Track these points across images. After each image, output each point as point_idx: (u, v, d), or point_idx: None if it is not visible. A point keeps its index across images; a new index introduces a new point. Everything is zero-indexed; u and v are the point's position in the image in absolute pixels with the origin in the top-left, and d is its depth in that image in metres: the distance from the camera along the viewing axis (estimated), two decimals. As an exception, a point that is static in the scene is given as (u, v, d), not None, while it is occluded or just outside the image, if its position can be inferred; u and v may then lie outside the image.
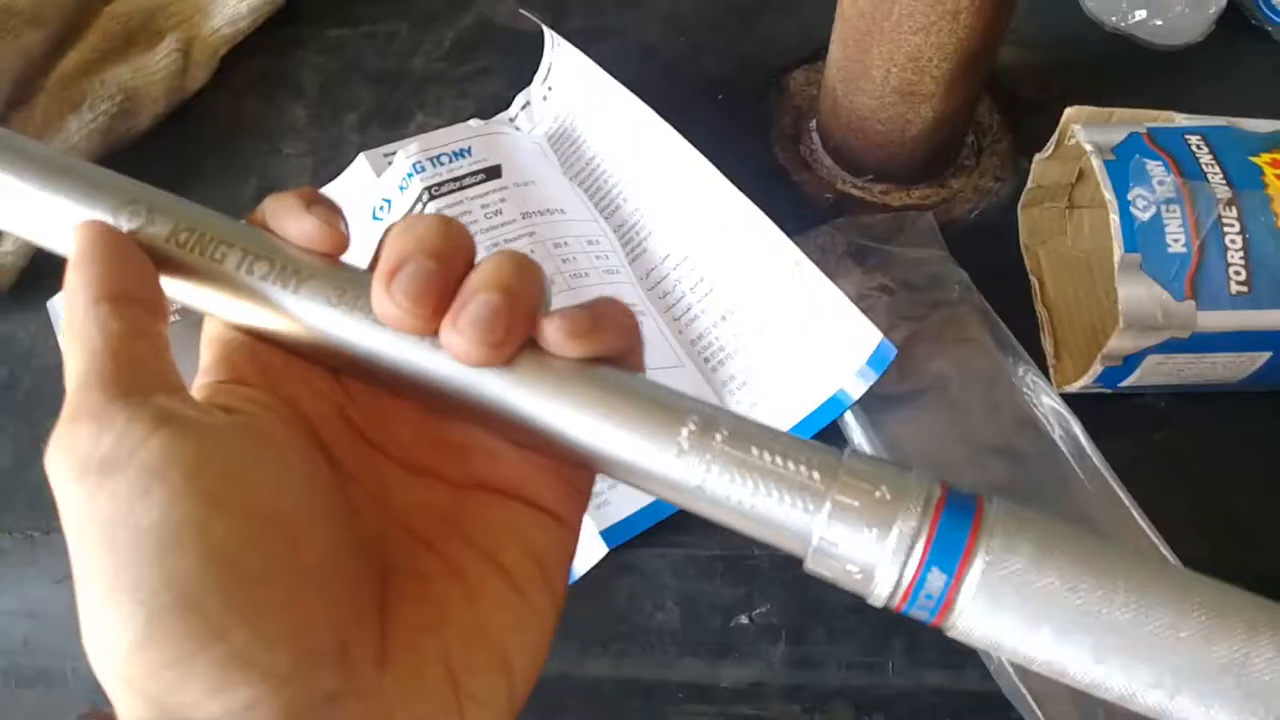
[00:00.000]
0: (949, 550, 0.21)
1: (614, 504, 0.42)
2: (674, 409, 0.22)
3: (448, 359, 0.22)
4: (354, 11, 0.60)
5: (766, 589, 0.43)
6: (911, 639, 0.42)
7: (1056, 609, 0.20)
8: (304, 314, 0.23)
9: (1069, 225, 0.51)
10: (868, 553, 0.21)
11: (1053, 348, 0.48)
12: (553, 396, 0.22)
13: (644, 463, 0.22)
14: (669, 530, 0.43)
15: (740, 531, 0.23)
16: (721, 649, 0.42)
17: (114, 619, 0.18)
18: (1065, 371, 0.47)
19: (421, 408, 0.24)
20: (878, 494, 0.21)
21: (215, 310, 0.23)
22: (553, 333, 0.22)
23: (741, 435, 0.22)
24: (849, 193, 0.53)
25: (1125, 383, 0.44)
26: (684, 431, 0.22)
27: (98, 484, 0.19)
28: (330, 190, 0.52)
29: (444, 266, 0.22)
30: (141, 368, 0.21)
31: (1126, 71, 0.58)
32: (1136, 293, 0.40)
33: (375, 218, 0.49)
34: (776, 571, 0.43)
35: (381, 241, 0.23)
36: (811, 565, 0.22)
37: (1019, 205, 0.51)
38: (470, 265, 0.23)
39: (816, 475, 0.22)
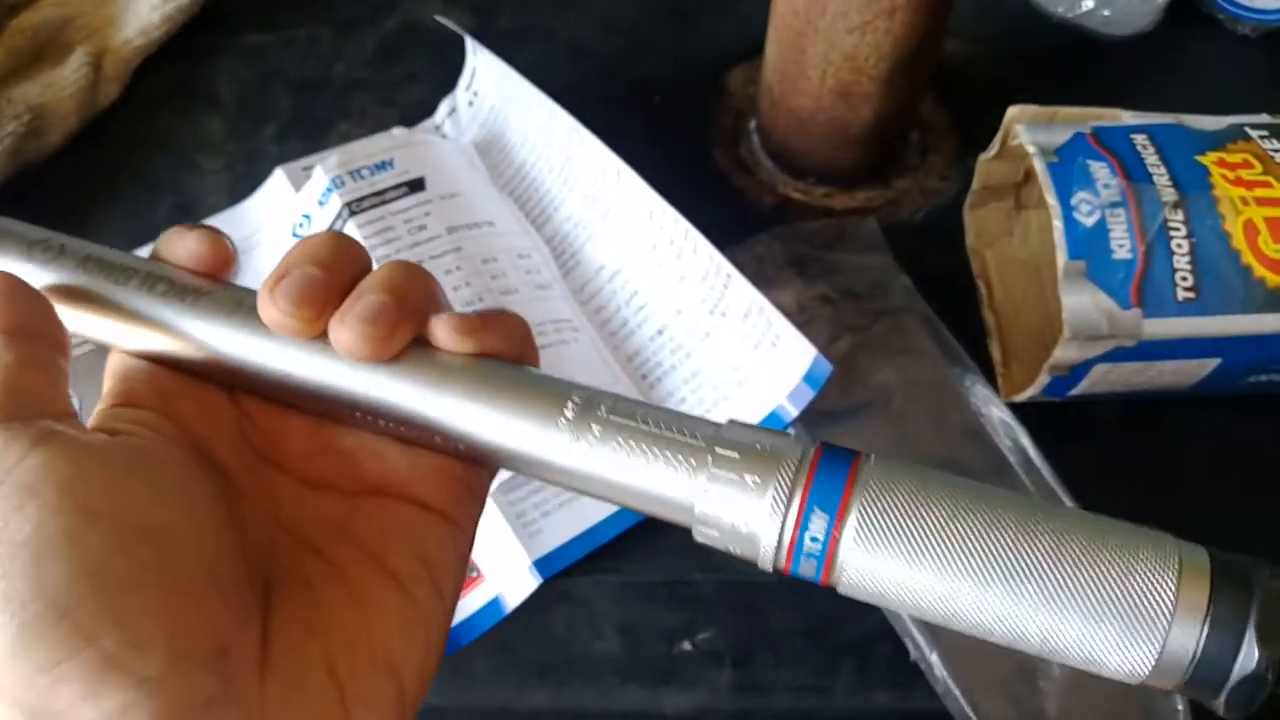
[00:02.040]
0: (826, 501, 0.21)
1: (546, 532, 0.41)
2: (556, 391, 0.23)
3: (336, 362, 0.23)
4: (273, 16, 0.58)
5: (709, 614, 0.42)
6: (859, 660, 0.41)
7: (935, 549, 0.20)
8: (200, 331, 0.24)
9: (1016, 226, 0.49)
10: (749, 512, 0.21)
11: (1000, 355, 0.46)
12: (438, 389, 0.23)
13: (530, 446, 0.23)
14: (606, 557, 0.42)
15: (630, 507, 0.23)
16: (665, 676, 0.41)
17: None
18: (1013, 380, 0.45)
19: (316, 415, 0.25)
20: (756, 455, 0.21)
21: (116, 340, 0.24)
22: (440, 329, 0.24)
23: (622, 410, 0.23)
24: (791, 196, 0.51)
25: (1073, 392, 0.43)
26: (566, 410, 0.23)
27: None
28: (248, 206, 0.50)
29: (329, 274, 0.23)
30: (28, 395, 0.21)
31: (1075, 63, 0.57)
32: (1081, 301, 0.39)
33: (295, 235, 0.47)
34: (719, 596, 0.42)
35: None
36: (699, 533, 0.22)
37: (965, 207, 0.49)
38: (362, 276, 0.24)
39: (697, 442, 0.22)
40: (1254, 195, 0.41)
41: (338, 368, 0.23)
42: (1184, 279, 0.40)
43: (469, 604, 0.40)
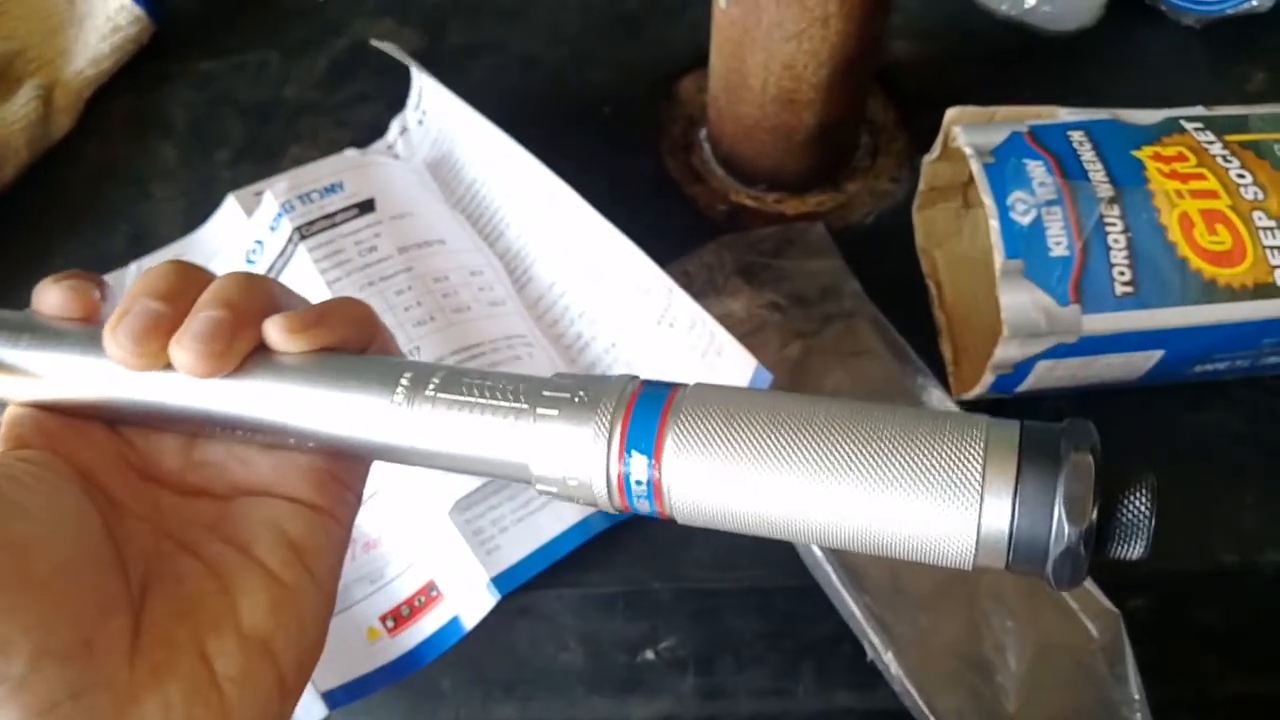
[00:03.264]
0: (643, 432, 0.21)
1: (504, 548, 0.41)
2: (386, 373, 0.24)
3: (181, 383, 0.24)
4: (222, 42, 0.58)
5: (670, 622, 0.42)
6: (819, 662, 0.41)
7: (751, 455, 0.20)
8: (61, 374, 0.25)
9: (965, 225, 0.50)
10: (577, 462, 0.22)
11: (951, 354, 0.47)
12: (277, 393, 0.24)
13: (369, 431, 0.24)
14: (565, 570, 0.42)
15: (473, 473, 0.24)
16: (629, 685, 0.42)
17: None
18: (963, 378, 0.46)
19: (185, 433, 0.27)
20: (576, 400, 0.22)
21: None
22: (273, 332, 0.25)
23: (452, 380, 0.23)
24: (743, 203, 0.51)
25: (1020, 388, 0.43)
26: (397, 392, 0.23)
27: None
28: (202, 234, 0.50)
29: (169, 304, 0.24)
30: None
31: (1020, 60, 0.57)
32: (1019, 300, 0.40)
33: (249, 261, 0.47)
34: (679, 604, 0.42)
35: None
36: (539, 486, 0.23)
37: (914, 208, 0.50)
38: None
39: (522, 399, 0.22)
40: (1188, 188, 0.42)
41: (183, 389, 0.24)
42: (1121, 274, 0.40)
43: (428, 624, 0.40)
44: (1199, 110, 0.45)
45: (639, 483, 0.21)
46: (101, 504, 0.25)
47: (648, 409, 0.21)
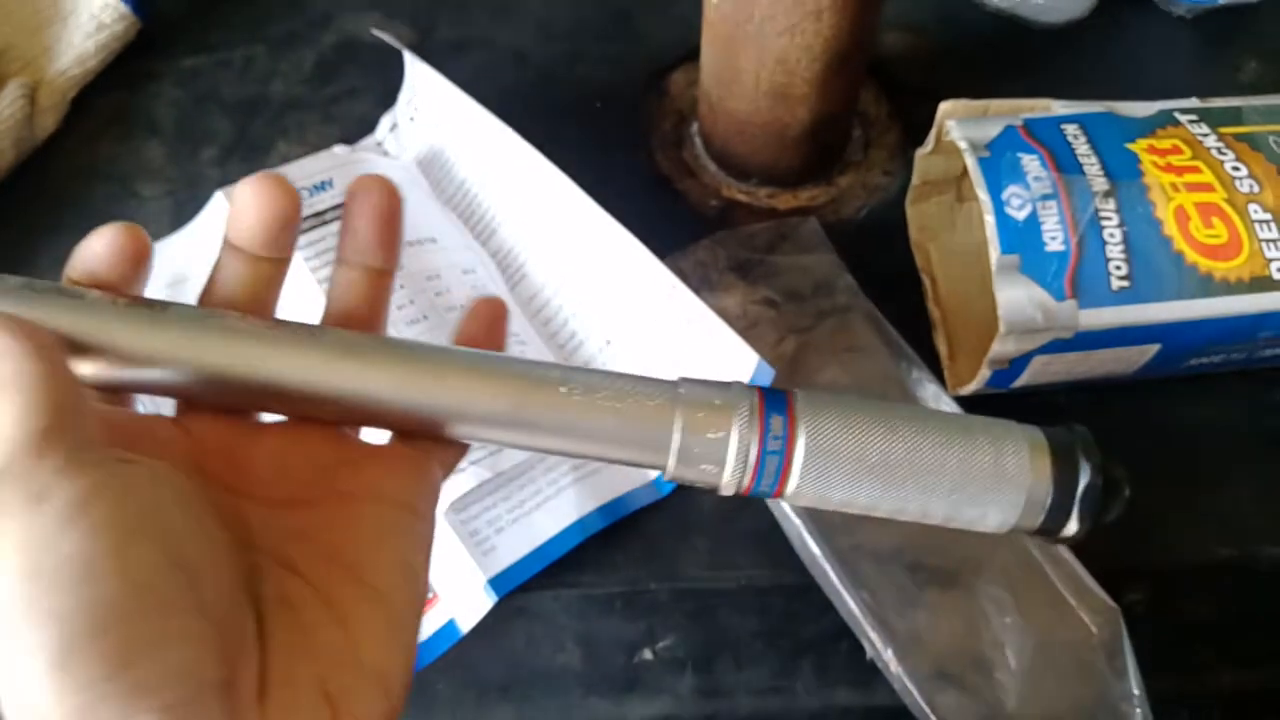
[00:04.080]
0: (778, 436, 0.26)
1: (500, 550, 0.41)
2: (549, 372, 0.27)
3: (339, 359, 0.25)
4: (208, 38, 0.57)
5: (667, 621, 0.42)
6: (819, 660, 0.41)
7: (861, 457, 0.26)
8: (189, 344, 0.25)
9: (959, 218, 0.50)
10: (716, 452, 0.26)
11: (947, 348, 0.47)
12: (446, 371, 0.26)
13: (536, 411, 0.26)
14: (561, 571, 0.42)
15: (600, 460, 0.27)
16: (627, 685, 0.41)
17: (31, 643, 0.19)
18: (959, 373, 0.46)
19: (303, 416, 0.26)
20: (715, 409, 0.26)
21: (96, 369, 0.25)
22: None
23: (596, 376, 0.27)
24: (735, 198, 0.51)
25: (1016, 383, 0.43)
26: (561, 387, 0.26)
27: (28, 515, 0.20)
28: (189, 231, 0.49)
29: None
30: (75, 416, 0.22)
31: (1012, 52, 0.57)
32: (1015, 295, 0.39)
33: (238, 261, 0.47)
34: (676, 604, 0.42)
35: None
36: (673, 474, 0.27)
37: (907, 202, 0.49)
38: None
39: (664, 401, 0.26)
40: (1183, 181, 0.41)
41: (342, 364, 0.25)
42: (1118, 268, 0.40)
43: (425, 626, 0.40)
44: (1193, 102, 0.45)
45: (769, 476, 0.26)
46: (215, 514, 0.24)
47: (776, 413, 0.26)
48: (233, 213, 0.28)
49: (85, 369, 0.24)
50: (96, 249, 0.25)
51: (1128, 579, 0.42)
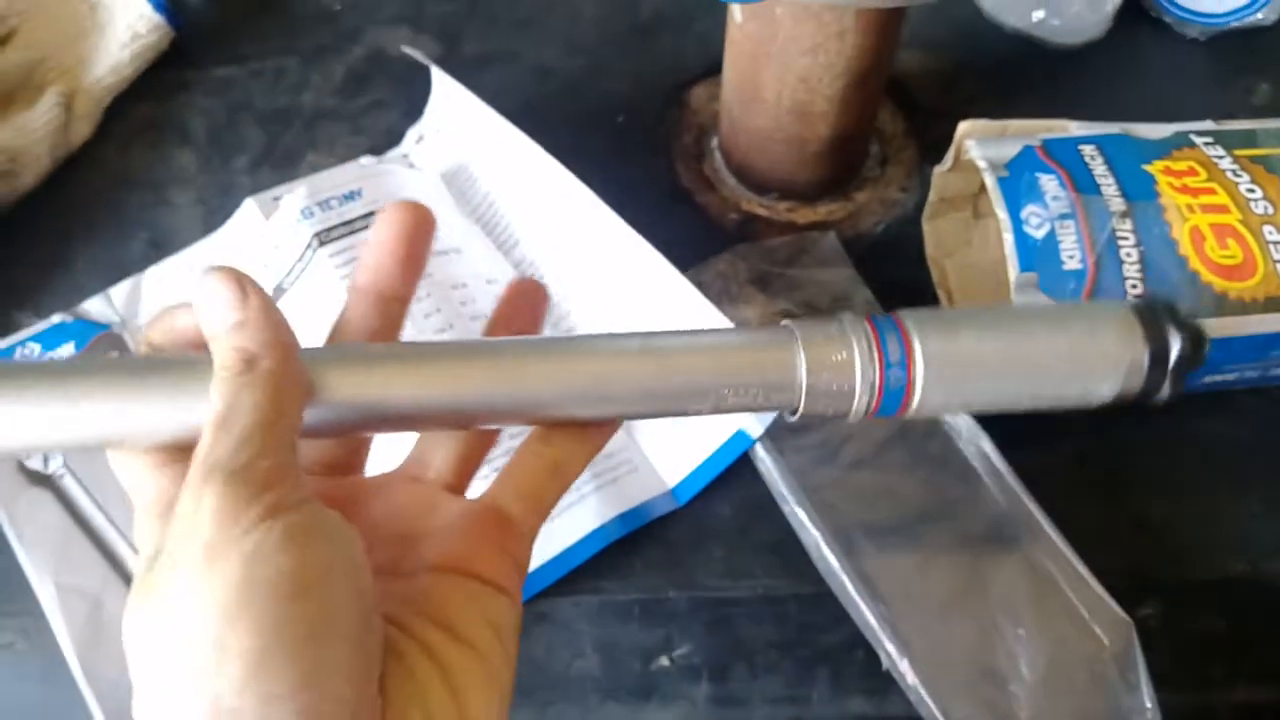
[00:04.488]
0: (898, 356, 0.28)
1: (522, 555, 0.42)
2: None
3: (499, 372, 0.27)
4: (240, 49, 0.58)
5: (685, 630, 0.43)
6: (834, 669, 0.42)
7: (976, 366, 0.28)
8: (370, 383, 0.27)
9: (975, 235, 0.50)
10: (843, 382, 0.28)
11: (962, 362, 0.47)
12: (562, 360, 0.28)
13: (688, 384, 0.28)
14: (581, 577, 0.43)
15: (742, 410, 0.28)
16: (644, 692, 0.42)
17: (235, 648, 0.21)
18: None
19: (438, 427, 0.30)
20: (834, 339, 0.28)
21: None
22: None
23: (700, 344, 0.28)
24: (754, 212, 0.52)
25: (1032, 398, 0.44)
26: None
27: (260, 530, 0.22)
28: (219, 238, 0.50)
29: None
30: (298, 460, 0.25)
31: (1028, 72, 0.58)
32: (1032, 312, 0.40)
33: (266, 265, 0.48)
34: (693, 612, 0.43)
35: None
36: (805, 408, 0.28)
37: (924, 218, 0.50)
38: None
39: (782, 340, 0.28)
40: (1199, 202, 0.42)
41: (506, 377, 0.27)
42: (1134, 286, 0.41)
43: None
44: (1208, 124, 0.46)
45: (894, 395, 0.28)
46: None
47: (890, 338, 0.28)
48: (366, 253, 0.31)
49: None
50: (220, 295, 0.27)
51: (1141, 593, 0.42)
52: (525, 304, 0.34)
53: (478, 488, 0.31)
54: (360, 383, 0.26)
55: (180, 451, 0.27)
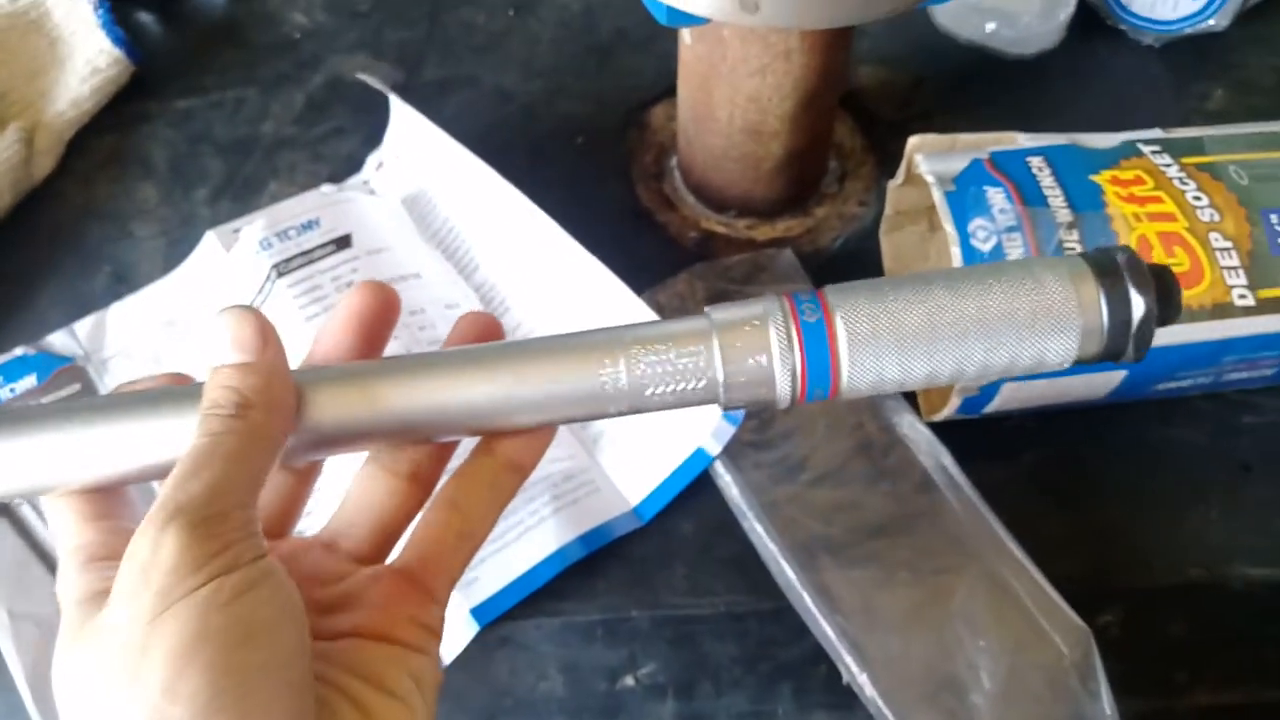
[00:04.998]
0: (817, 335, 0.26)
1: (483, 580, 0.42)
2: (592, 348, 0.27)
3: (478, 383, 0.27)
4: (201, 80, 0.59)
5: (649, 648, 0.43)
6: (798, 684, 0.42)
7: (903, 331, 0.26)
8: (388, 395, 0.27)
9: (932, 247, 0.51)
10: (763, 369, 0.26)
11: (921, 375, 0.47)
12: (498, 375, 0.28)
13: (586, 392, 0.27)
14: (543, 599, 0.43)
15: (662, 409, 0.28)
16: (609, 712, 0.42)
17: (186, 689, 0.22)
18: (932, 400, 0.47)
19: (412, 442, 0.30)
20: (749, 331, 0.26)
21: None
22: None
23: (625, 336, 0.27)
24: (714, 230, 0.52)
25: (988, 409, 0.44)
26: (605, 361, 0.27)
27: (219, 579, 0.23)
28: (182, 271, 0.51)
29: None
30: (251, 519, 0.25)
31: (983, 84, 0.58)
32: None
33: (228, 299, 0.48)
34: (656, 630, 0.43)
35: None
36: (726, 403, 0.27)
37: (880, 232, 0.51)
38: None
39: (703, 341, 0.27)
40: (1146, 211, 0.43)
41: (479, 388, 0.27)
42: (1082, 297, 0.41)
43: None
44: (1156, 133, 0.47)
45: (819, 377, 0.26)
46: None
47: (810, 312, 0.26)
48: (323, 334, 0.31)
49: None
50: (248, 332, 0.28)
51: (1101, 601, 0.42)
52: (475, 336, 0.34)
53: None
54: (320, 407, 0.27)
55: (111, 504, 0.27)
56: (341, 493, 0.31)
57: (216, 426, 0.25)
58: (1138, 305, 0.26)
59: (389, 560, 0.30)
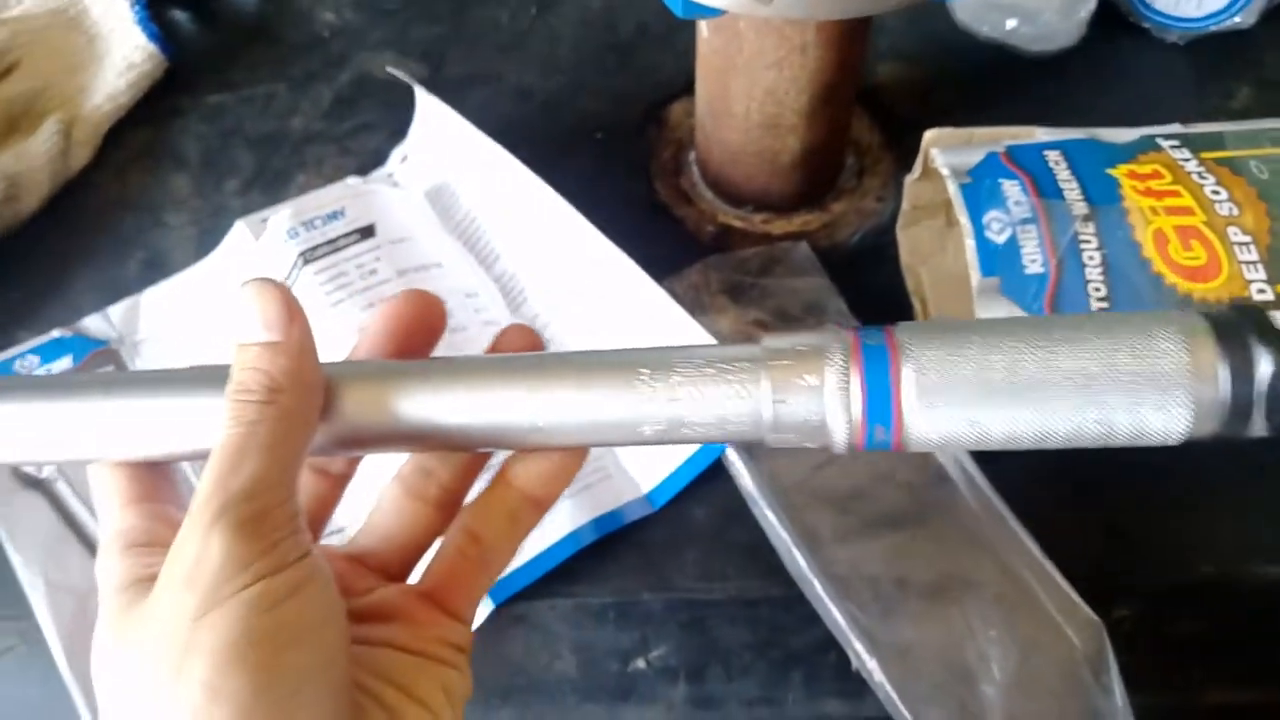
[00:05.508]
0: (880, 377, 0.23)
1: (498, 562, 0.42)
2: (625, 363, 0.26)
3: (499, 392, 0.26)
4: (232, 76, 0.60)
5: (661, 631, 0.43)
6: (809, 671, 0.42)
7: (980, 383, 0.23)
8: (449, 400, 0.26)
9: (949, 241, 0.51)
10: (815, 410, 0.24)
11: (935, 367, 0.48)
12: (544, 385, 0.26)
13: (621, 411, 0.25)
14: (557, 581, 0.43)
15: (703, 441, 0.25)
16: (621, 694, 0.43)
17: (228, 688, 0.22)
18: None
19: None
20: (804, 356, 0.24)
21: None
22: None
23: (668, 358, 0.25)
24: (731, 224, 0.53)
25: (1000, 401, 0.44)
26: (641, 374, 0.25)
27: (264, 583, 0.23)
28: (211, 260, 0.52)
29: None
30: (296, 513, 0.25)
31: (1003, 81, 0.58)
32: (996, 316, 0.41)
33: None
34: (669, 614, 0.43)
35: None
36: (773, 440, 0.24)
37: (898, 226, 0.51)
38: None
39: (751, 366, 0.24)
40: (1163, 205, 0.43)
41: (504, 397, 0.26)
42: (1097, 289, 0.41)
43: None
44: (1175, 128, 0.46)
45: (881, 424, 0.23)
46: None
47: (875, 353, 0.23)
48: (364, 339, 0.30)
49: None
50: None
51: (1115, 596, 0.42)
52: (516, 350, 0.32)
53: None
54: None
55: (153, 487, 0.27)
56: (365, 506, 0.32)
57: (249, 414, 0.24)
58: (1265, 367, 0.22)
59: (413, 578, 0.31)
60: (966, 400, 0.23)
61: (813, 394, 0.23)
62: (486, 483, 0.31)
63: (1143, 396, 0.23)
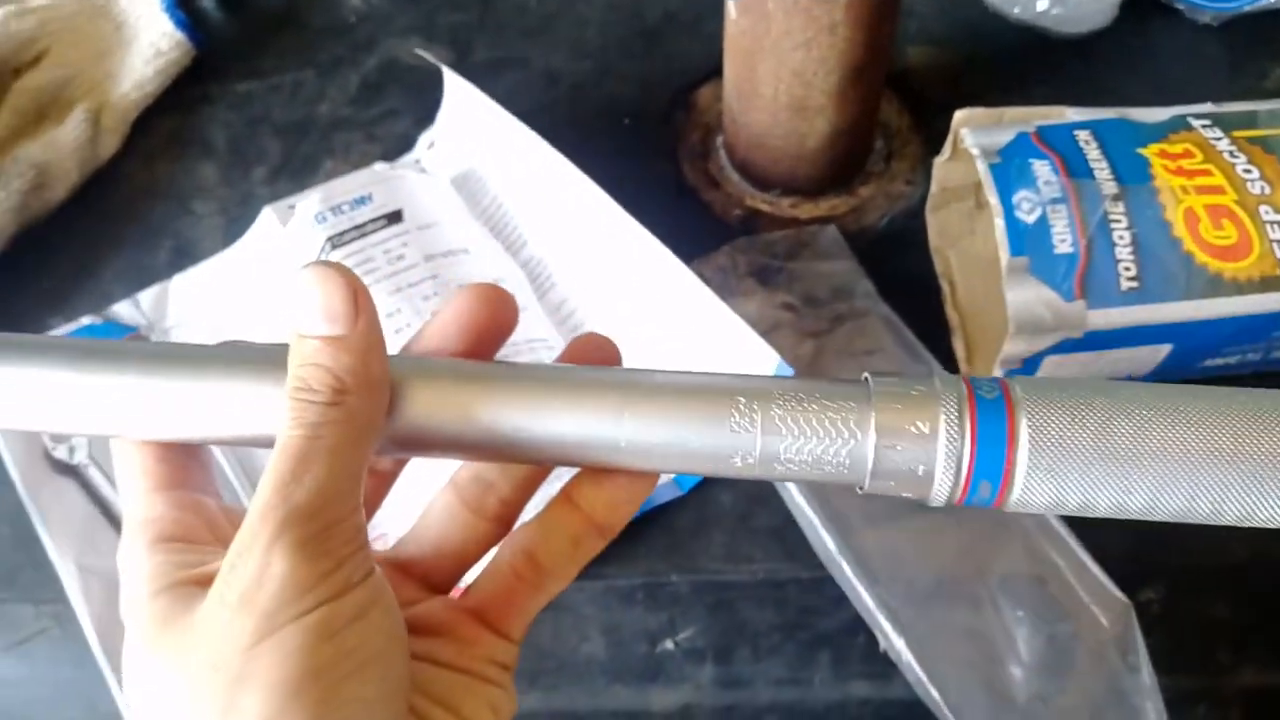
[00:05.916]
0: (994, 429, 0.22)
1: (527, 543, 0.43)
2: (721, 392, 0.24)
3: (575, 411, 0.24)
4: (260, 64, 0.61)
5: (688, 613, 0.43)
6: (836, 652, 0.42)
7: (1101, 447, 0.21)
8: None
9: (978, 224, 0.51)
10: (924, 455, 0.22)
11: (965, 351, 0.48)
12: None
13: (712, 443, 0.24)
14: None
15: (794, 479, 0.24)
16: (650, 675, 0.43)
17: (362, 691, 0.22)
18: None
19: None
20: (915, 400, 0.22)
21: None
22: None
23: (766, 396, 0.23)
24: (758, 208, 0.53)
25: (1030, 383, 0.44)
26: (738, 407, 0.23)
27: (328, 607, 0.22)
28: (240, 246, 0.52)
29: None
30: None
31: (1034, 63, 0.58)
32: (1025, 296, 0.40)
33: (284, 270, 0.50)
34: (696, 596, 0.44)
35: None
36: (873, 486, 0.23)
37: (927, 209, 0.51)
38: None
39: (853, 403, 0.23)
40: (1194, 184, 0.42)
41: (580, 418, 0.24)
42: (1126, 269, 0.41)
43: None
44: (1208, 107, 0.46)
45: (988, 481, 0.22)
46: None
47: (990, 408, 0.22)
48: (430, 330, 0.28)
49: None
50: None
51: (1143, 578, 0.42)
52: (590, 360, 0.29)
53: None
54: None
55: (183, 471, 0.25)
56: (402, 507, 0.30)
57: (312, 415, 0.22)
58: None
59: (460, 588, 0.29)
60: (1083, 466, 0.22)
61: (923, 442, 0.22)
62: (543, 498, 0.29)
63: (1267, 478, 0.21)
